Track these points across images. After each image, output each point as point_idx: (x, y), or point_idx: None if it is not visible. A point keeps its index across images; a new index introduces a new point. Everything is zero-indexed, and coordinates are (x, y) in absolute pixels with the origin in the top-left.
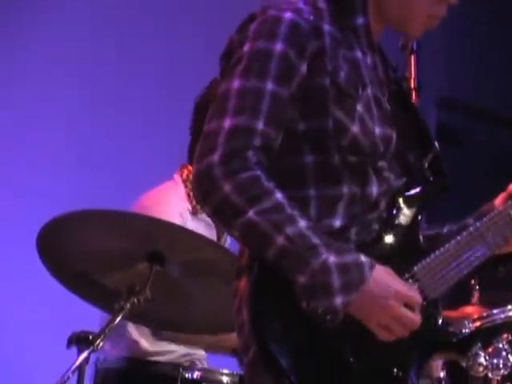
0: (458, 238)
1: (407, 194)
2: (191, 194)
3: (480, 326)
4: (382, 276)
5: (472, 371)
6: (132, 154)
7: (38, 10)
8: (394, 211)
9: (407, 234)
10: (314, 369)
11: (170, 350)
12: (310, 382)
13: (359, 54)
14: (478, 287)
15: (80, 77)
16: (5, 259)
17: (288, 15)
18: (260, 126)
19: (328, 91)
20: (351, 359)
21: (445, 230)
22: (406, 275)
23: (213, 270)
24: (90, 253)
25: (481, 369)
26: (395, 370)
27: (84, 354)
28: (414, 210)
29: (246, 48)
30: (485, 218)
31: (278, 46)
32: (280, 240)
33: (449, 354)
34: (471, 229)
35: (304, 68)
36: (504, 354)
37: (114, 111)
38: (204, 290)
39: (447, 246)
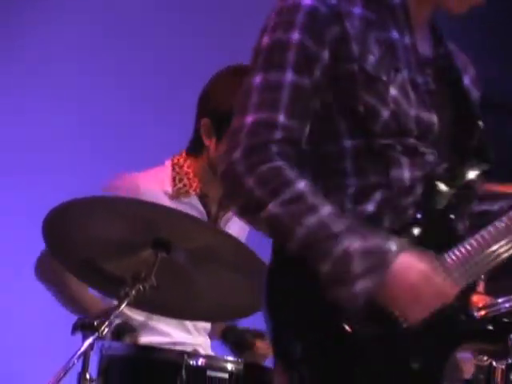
0: (496, 223)
1: (446, 177)
2: (177, 177)
3: (485, 314)
4: (407, 261)
5: (476, 360)
6: (134, 150)
7: (37, 10)
8: (431, 196)
9: (443, 219)
10: (326, 362)
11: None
12: (321, 377)
13: (395, 35)
14: (483, 276)
15: (79, 77)
16: (10, 248)
17: (307, 2)
18: (281, 118)
19: (356, 77)
20: (369, 352)
21: (495, 207)
22: (435, 264)
23: (216, 257)
24: (96, 240)
25: (485, 357)
26: (416, 363)
27: (89, 341)
28: (453, 194)
29: (265, 41)
30: None
31: (295, 36)
32: (301, 231)
33: (479, 343)
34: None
35: (325, 55)
36: (510, 343)
37: (115, 109)
38: (208, 277)
39: (483, 232)
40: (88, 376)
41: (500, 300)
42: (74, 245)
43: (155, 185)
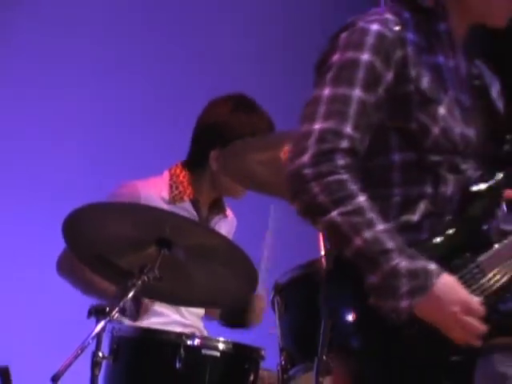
0: None
1: (479, 186)
2: (173, 185)
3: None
4: (448, 284)
5: None
6: (135, 160)
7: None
8: (465, 203)
9: (476, 225)
10: (383, 355)
11: (180, 322)
12: (377, 370)
13: (441, 59)
14: None
15: (81, 78)
16: (35, 244)
17: (375, 27)
18: (347, 129)
19: (412, 97)
20: (417, 348)
21: (510, 227)
22: (471, 265)
23: (211, 254)
24: (108, 239)
25: None
26: (456, 356)
27: (101, 324)
28: (486, 201)
29: (336, 57)
30: None
31: (365, 56)
32: (357, 242)
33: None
34: None
35: (390, 75)
36: None
37: (119, 121)
38: (204, 271)
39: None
40: (100, 354)
41: None
42: (89, 243)
43: (154, 191)
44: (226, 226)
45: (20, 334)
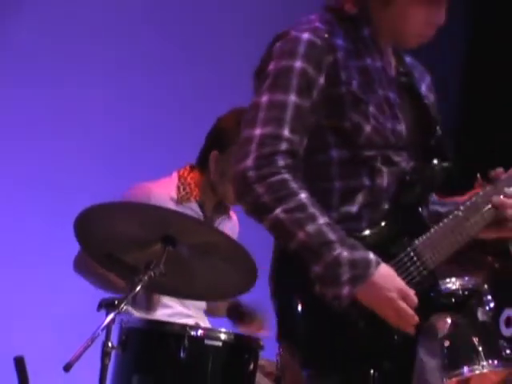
0: (456, 212)
1: (412, 176)
2: (181, 186)
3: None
4: (385, 273)
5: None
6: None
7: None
8: (400, 192)
9: (412, 211)
10: (326, 337)
11: (187, 314)
12: (321, 355)
13: (369, 61)
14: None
15: (81, 78)
16: (47, 241)
17: (306, 36)
18: (285, 133)
19: (345, 98)
20: (359, 329)
21: (444, 209)
22: (408, 249)
23: (214, 250)
24: (116, 236)
25: None
26: (396, 336)
27: (111, 316)
28: (419, 190)
29: (272, 66)
30: (481, 192)
31: (298, 64)
32: (301, 235)
33: (446, 313)
34: (468, 202)
35: (322, 79)
36: None
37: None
38: (207, 266)
39: (446, 220)
40: (110, 344)
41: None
42: (99, 241)
43: (164, 192)
44: (229, 226)
45: (34, 326)
